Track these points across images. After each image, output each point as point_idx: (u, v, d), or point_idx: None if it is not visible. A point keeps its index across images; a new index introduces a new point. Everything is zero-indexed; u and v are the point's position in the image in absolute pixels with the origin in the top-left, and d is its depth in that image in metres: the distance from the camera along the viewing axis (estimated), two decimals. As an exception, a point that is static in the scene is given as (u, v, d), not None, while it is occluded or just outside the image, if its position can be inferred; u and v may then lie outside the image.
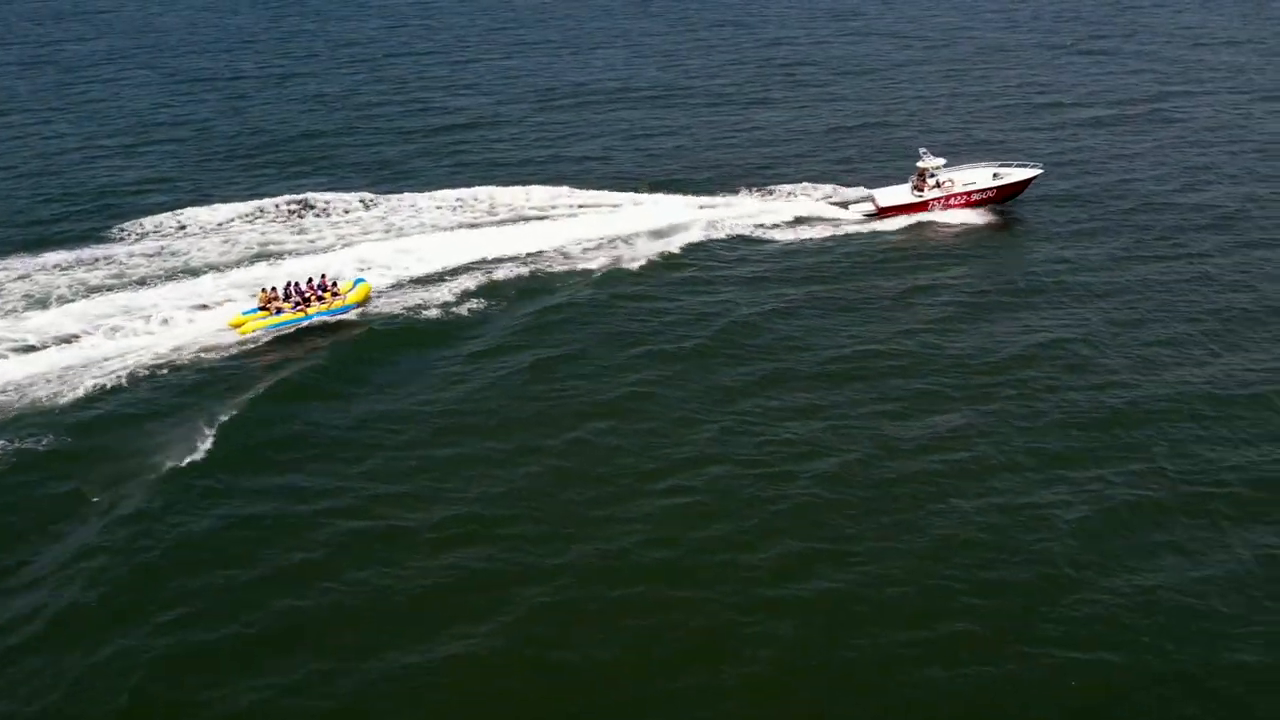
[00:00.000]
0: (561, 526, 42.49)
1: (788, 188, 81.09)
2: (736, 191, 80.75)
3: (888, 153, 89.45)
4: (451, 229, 74.19)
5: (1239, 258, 68.14)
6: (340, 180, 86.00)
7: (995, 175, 75.36)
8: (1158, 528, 42.17)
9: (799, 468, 46.08)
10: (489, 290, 64.52)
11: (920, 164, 74.48)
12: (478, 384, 53.69)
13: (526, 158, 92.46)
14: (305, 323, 57.27)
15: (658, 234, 72.07)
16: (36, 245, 71.33)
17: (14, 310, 61.11)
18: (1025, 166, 75.96)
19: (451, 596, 38.81)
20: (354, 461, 47.02)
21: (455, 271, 66.85)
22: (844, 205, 76.04)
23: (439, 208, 78.98)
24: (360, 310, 59.33)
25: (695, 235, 71.86)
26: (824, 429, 49.11)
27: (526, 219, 76.22)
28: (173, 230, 74.13)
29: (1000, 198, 75.78)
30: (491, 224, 75.19)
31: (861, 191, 77.75)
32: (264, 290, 57.29)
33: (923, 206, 74.44)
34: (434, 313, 61.21)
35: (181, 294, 62.14)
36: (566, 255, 70.04)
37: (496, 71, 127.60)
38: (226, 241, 71.65)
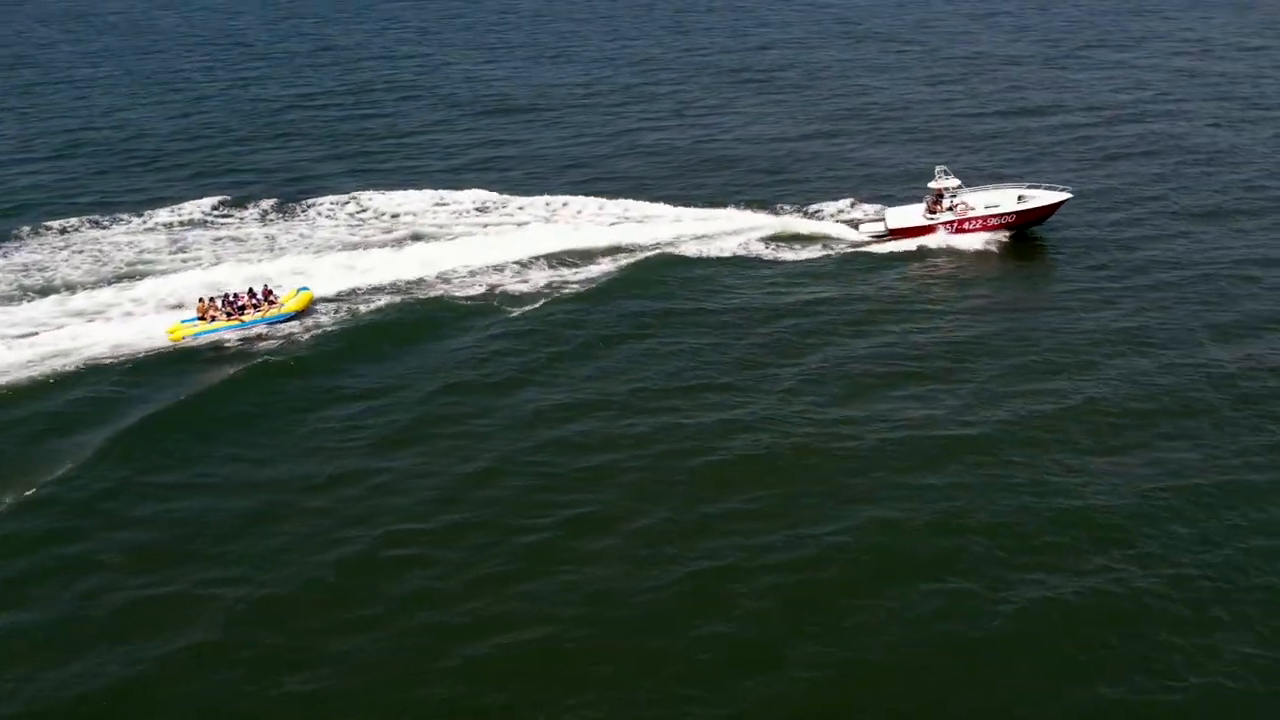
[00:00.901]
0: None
1: (799, 202, 76.21)
2: (742, 205, 76.14)
3: (921, 168, 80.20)
4: (402, 241, 71.77)
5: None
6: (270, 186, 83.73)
7: (1020, 198, 68.34)
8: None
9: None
10: (436, 304, 61.64)
11: (934, 184, 68.26)
12: (396, 399, 51.15)
13: (522, 163, 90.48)
14: (241, 330, 56.53)
15: (630, 248, 68.44)
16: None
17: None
18: (1053, 190, 68.61)
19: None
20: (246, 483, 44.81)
21: (409, 284, 64.38)
22: (855, 224, 70.78)
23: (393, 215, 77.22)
24: (301, 318, 58.20)
25: (683, 249, 67.75)
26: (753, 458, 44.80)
27: (486, 228, 73.92)
28: (103, 234, 73.59)
29: (1021, 223, 68.56)
30: (448, 235, 72.60)
31: (878, 210, 72.33)
32: (202, 300, 57.25)
33: (933, 229, 67.94)
34: (369, 325, 58.67)
35: (118, 298, 62.14)
36: (526, 268, 66.57)
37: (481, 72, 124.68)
38: (151, 250, 70.87)
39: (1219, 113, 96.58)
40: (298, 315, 57.64)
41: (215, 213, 78.23)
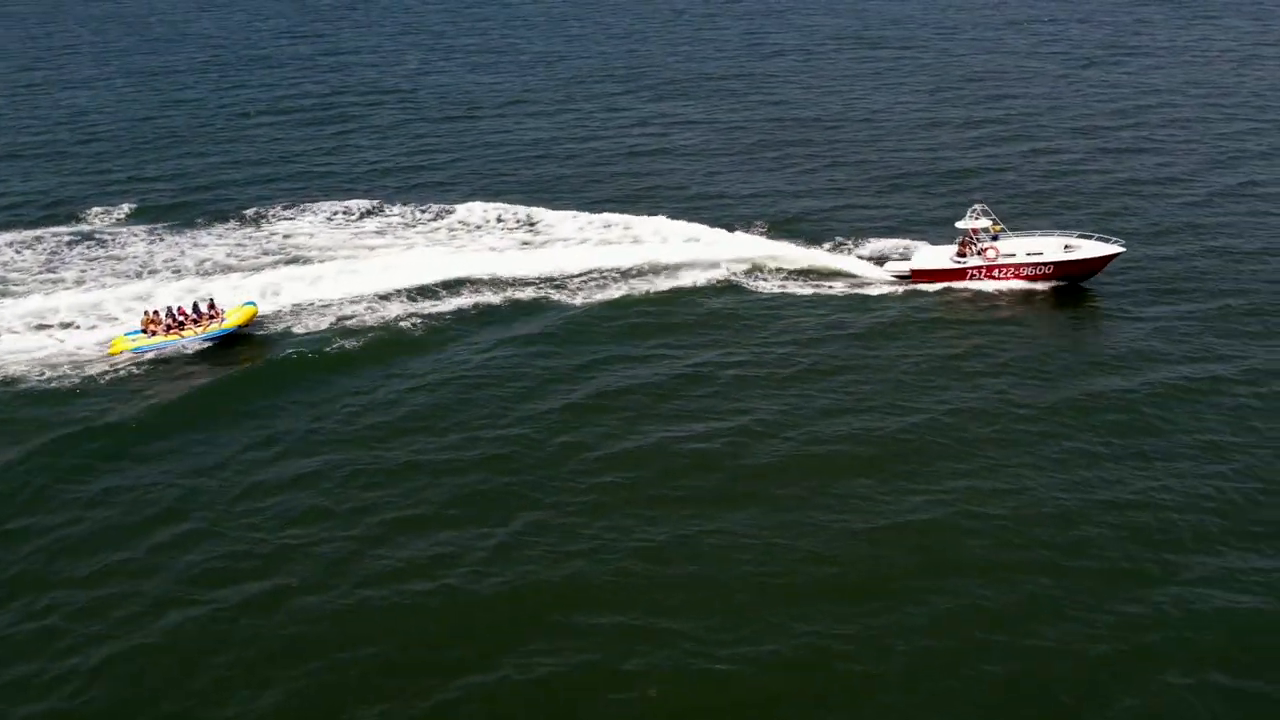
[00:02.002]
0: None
1: (830, 231, 70.31)
2: (762, 229, 70.86)
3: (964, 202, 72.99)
4: (357, 253, 69.28)
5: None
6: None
7: (1067, 248, 60.99)
8: None
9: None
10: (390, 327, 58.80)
11: (963, 223, 61.76)
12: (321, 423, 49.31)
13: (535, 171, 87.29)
14: (177, 345, 55.42)
15: (623, 273, 64.69)
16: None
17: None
18: (1106, 241, 60.76)
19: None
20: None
21: (374, 298, 62.28)
22: (879, 261, 64.85)
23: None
24: (244, 332, 57.13)
25: (684, 276, 63.67)
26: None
27: (465, 240, 71.59)
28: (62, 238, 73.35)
29: (1060, 274, 61.05)
30: (425, 245, 70.34)
31: (907, 248, 66.24)
32: (146, 313, 56.16)
33: (960, 274, 61.35)
34: (326, 344, 56.67)
35: (61, 304, 61.81)
36: (501, 284, 63.99)
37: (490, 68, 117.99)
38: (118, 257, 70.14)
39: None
40: (240, 330, 56.16)
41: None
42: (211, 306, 56.33)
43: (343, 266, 65.92)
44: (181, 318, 55.59)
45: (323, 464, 45.64)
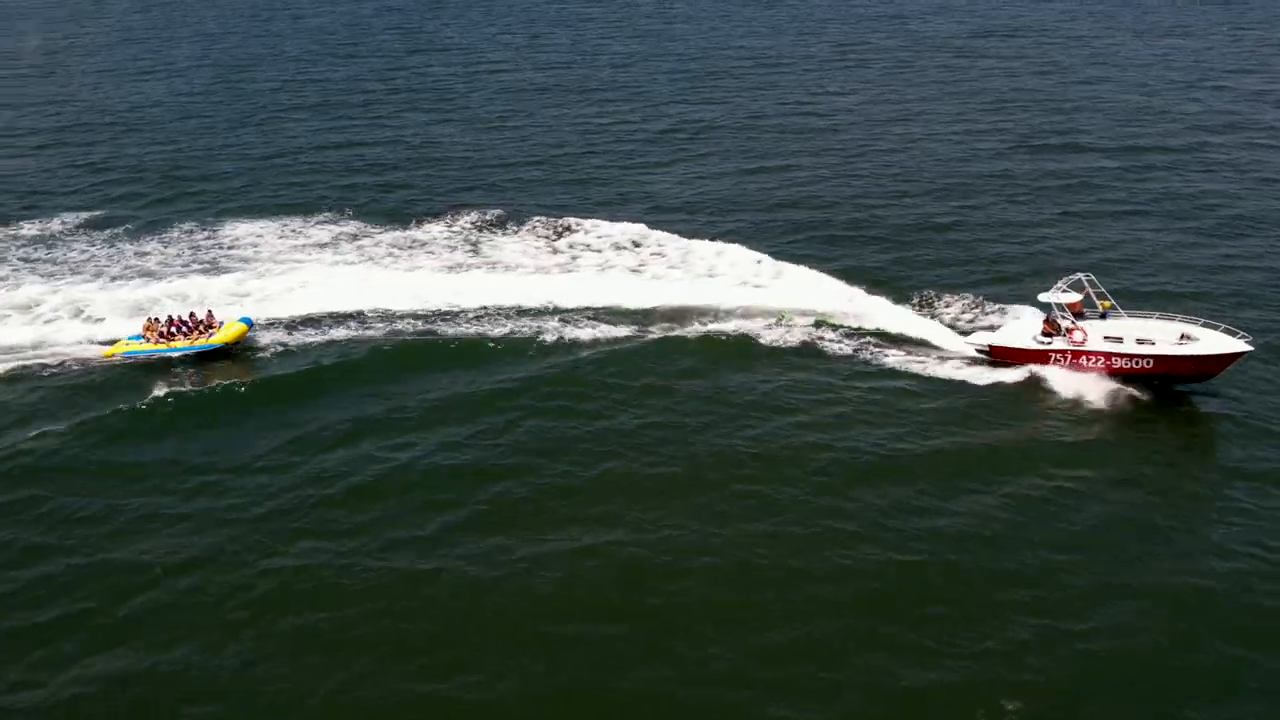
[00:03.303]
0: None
1: (919, 282, 59.72)
2: (840, 269, 60.65)
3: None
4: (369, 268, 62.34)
5: None
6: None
7: (1183, 338, 48.05)
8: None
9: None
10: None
11: (1046, 296, 50.66)
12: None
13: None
14: (165, 354, 53.18)
15: (670, 312, 55.85)
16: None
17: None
18: (1231, 335, 47.60)
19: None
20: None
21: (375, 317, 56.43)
22: (965, 331, 54.21)
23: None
24: (232, 350, 53.80)
25: (730, 323, 54.89)
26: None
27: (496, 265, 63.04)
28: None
29: (1162, 372, 48.05)
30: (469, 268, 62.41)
31: (1005, 317, 55.67)
32: (149, 319, 54.39)
33: (1042, 357, 50.03)
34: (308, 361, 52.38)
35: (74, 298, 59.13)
36: (527, 313, 56.36)
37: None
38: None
39: None
40: (227, 347, 53.41)
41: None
42: (210, 318, 54.17)
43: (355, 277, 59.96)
44: (174, 328, 53.66)
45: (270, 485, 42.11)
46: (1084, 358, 48.53)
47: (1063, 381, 48.25)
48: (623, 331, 53.51)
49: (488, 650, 33.25)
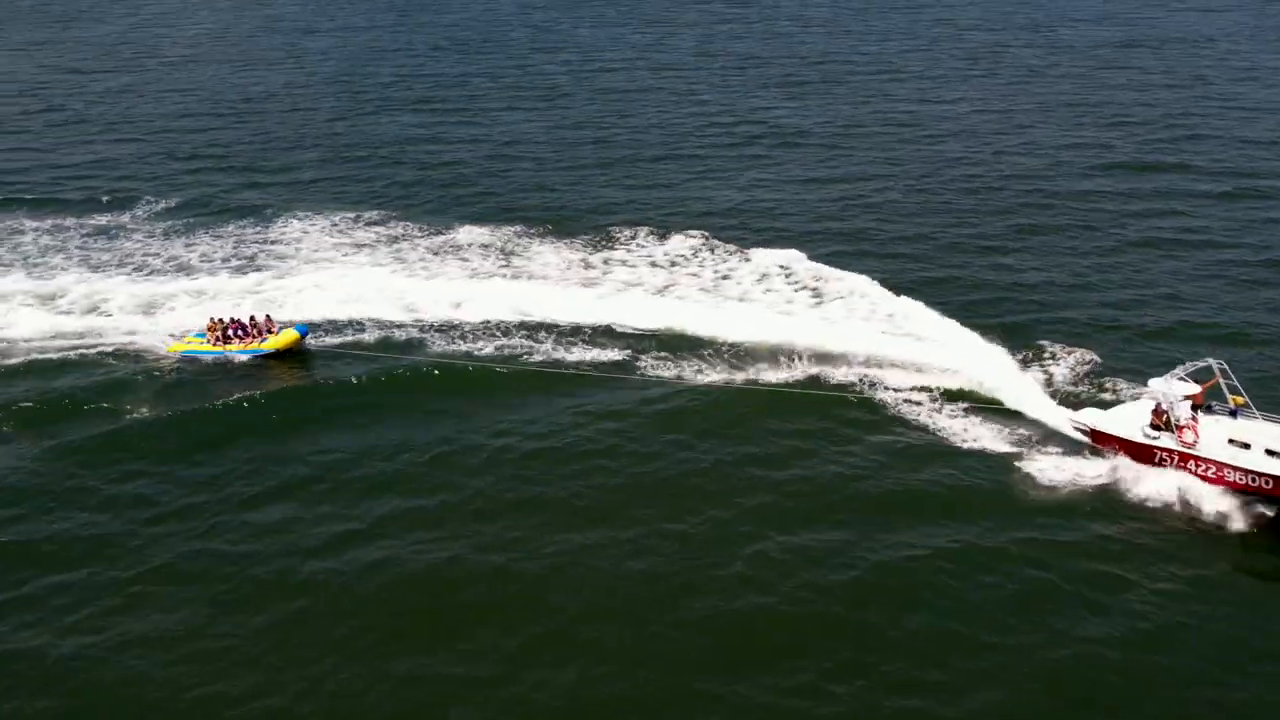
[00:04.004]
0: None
1: (1044, 334, 52.84)
2: (952, 305, 55.16)
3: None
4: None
5: None
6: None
7: None
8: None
9: None
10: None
11: (1158, 383, 42.63)
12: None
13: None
14: (219, 356, 52.68)
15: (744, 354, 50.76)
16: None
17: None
18: None
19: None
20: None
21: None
22: (1072, 399, 46.55)
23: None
24: (283, 357, 52.76)
25: (798, 367, 49.40)
26: None
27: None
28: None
29: None
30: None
31: (1139, 390, 45.77)
32: (212, 319, 53.81)
33: (1146, 454, 41.68)
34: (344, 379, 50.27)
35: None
36: (618, 337, 53.11)
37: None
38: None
39: None
40: (278, 353, 52.64)
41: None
42: (269, 322, 53.59)
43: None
44: (232, 330, 53.10)
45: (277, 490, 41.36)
46: (1193, 463, 40.36)
47: (1165, 488, 39.93)
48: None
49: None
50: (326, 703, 30.87)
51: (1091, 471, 41.26)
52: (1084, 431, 43.37)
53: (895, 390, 46.98)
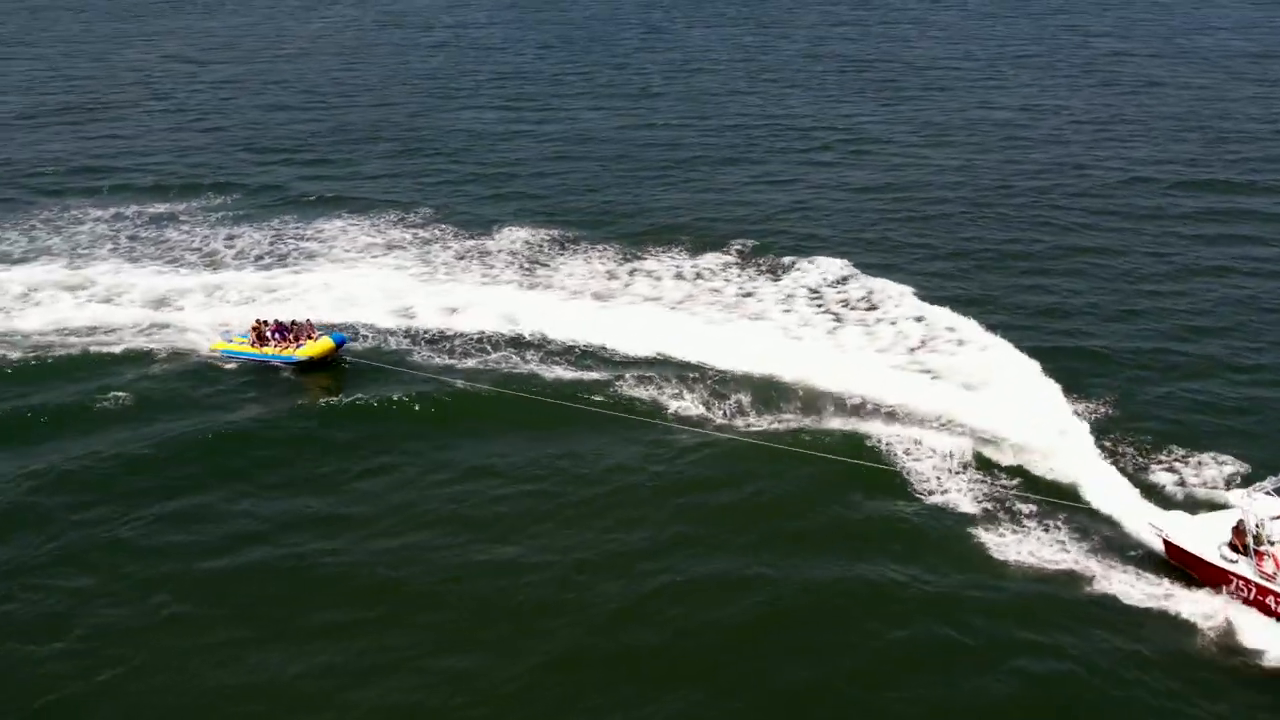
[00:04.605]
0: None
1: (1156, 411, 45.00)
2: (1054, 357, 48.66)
3: None
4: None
5: None
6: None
7: None
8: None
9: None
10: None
11: (1238, 498, 36.36)
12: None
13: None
14: (256, 360, 50.95)
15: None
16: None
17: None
18: None
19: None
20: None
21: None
22: (1161, 493, 38.91)
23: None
24: (316, 366, 50.54)
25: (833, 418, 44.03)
26: None
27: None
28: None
29: None
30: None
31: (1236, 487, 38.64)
32: (257, 320, 52.15)
33: (1221, 578, 34.53)
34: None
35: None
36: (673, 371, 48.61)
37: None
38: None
39: None
40: (311, 362, 50.23)
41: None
42: (310, 328, 51.26)
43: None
44: (271, 332, 51.25)
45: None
46: (1272, 599, 33.39)
47: (1243, 622, 32.78)
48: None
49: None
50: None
51: (1159, 592, 33.81)
52: (1163, 535, 35.78)
53: (901, 447, 41.42)
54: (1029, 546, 35.86)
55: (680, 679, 30.77)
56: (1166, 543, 35.68)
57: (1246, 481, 38.42)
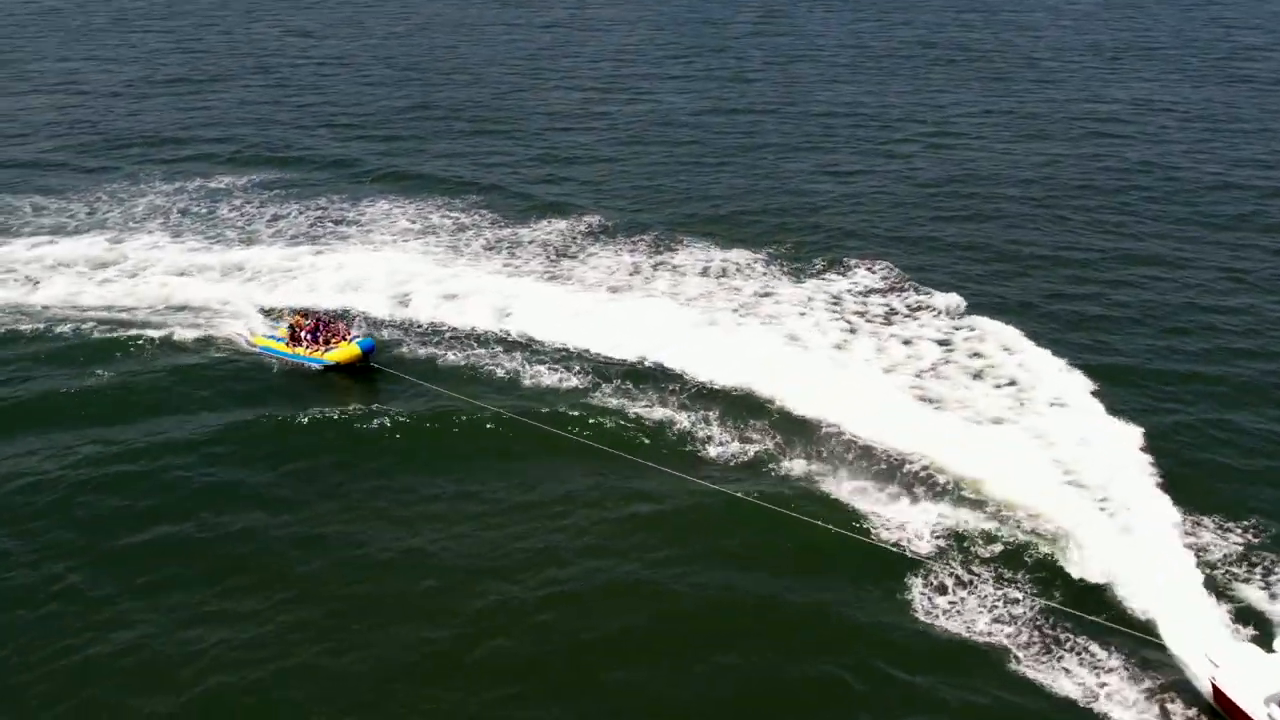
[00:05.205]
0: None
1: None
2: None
3: None
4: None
5: None
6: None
7: None
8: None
9: None
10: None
11: None
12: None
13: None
14: (288, 359, 48.92)
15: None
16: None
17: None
18: None
19: None
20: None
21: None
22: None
23: None
24: (342, 371, 48.04)
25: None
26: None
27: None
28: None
29: None
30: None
31: None
32: (298, 315, 50.75)
33: None
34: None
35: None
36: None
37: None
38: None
39: None
40: (337, 366, 48.05)
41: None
42: (346, 330, 49.34)
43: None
44: (304, 332, 49.10)
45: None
46: None
47: None
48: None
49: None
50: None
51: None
52: (1209, 674, 29.01)
53: (867, 502, 36.68)
54: (1059, 664, 30.29)
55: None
56: (1215, 688, 28.95)
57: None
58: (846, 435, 40.69)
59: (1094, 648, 30.75)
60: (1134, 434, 40.09)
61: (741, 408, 43.06)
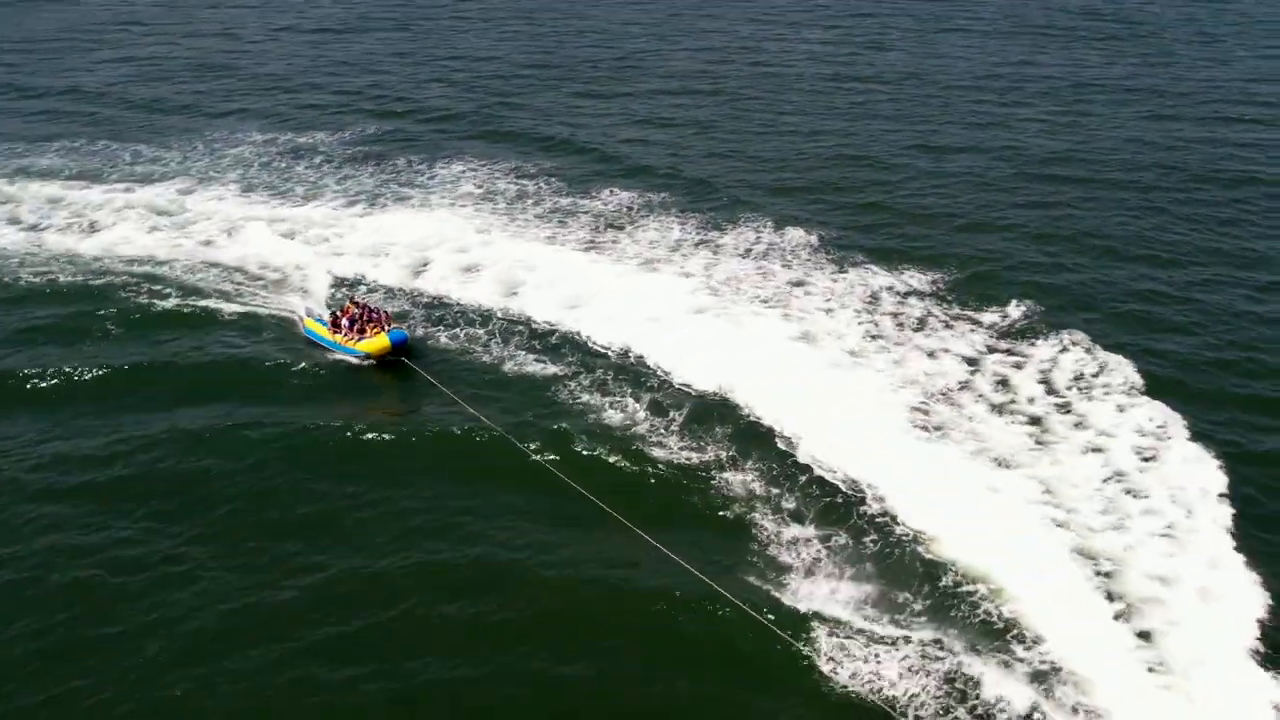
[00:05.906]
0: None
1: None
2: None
3: None
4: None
5: None
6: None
7: None
8: None
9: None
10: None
11: None
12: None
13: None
14: (329, 346, 46.25)
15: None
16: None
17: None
18: None
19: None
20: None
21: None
22: None
23: None
24: (375, 360, 45.12)
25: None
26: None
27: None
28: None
29: None
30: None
31: None
32: (351, 299, 48.33)
33: None
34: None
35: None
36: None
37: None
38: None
39: None
40: (369, 357, 45.24)
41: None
42: (387, 320, 46.80)
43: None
44: (346, 318, 46.46)
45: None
46: None
47: None
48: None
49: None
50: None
51: None
52: None
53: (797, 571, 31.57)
54: None
55: None
56: None
57: None
58: (803, 459, 36.58)
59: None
60: (1203, 521, 32.09)
61: (711, 414, 39.69)
